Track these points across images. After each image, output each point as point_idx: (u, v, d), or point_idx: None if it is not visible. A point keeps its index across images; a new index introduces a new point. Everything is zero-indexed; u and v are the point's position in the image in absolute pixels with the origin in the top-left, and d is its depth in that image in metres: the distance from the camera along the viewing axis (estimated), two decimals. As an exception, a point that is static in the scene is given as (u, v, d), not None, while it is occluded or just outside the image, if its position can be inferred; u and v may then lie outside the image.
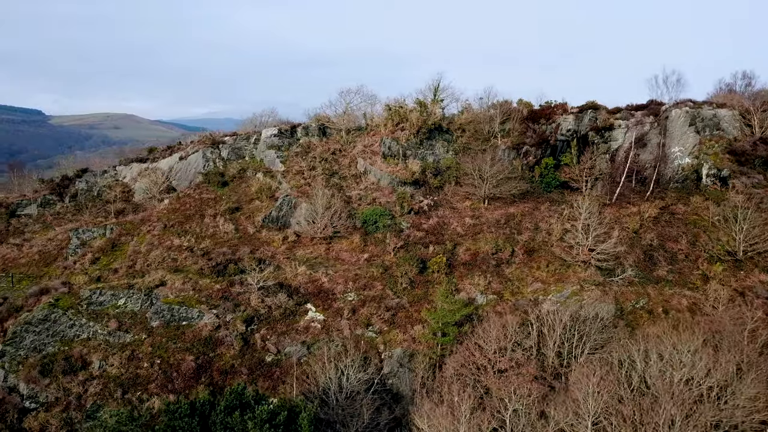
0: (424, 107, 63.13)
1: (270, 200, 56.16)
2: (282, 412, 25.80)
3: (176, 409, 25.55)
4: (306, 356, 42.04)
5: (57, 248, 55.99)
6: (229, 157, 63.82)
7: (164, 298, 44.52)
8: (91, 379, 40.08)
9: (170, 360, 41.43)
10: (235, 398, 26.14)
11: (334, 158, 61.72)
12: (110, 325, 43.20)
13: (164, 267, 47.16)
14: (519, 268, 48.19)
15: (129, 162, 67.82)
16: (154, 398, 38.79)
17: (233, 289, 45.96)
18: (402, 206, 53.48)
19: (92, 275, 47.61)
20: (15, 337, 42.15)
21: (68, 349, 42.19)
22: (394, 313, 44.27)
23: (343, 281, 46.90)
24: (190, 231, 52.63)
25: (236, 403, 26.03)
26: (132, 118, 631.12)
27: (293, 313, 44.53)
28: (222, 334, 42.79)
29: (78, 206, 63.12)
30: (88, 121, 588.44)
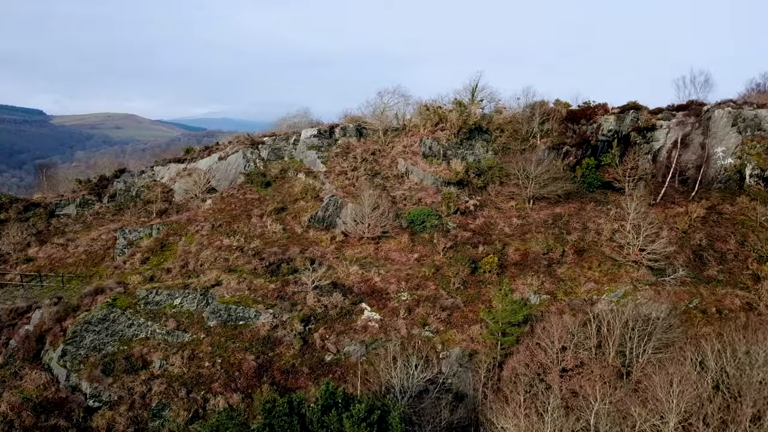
0: (463, 107, 63.25)
1: (315, 200, 56.30)
2: (375, 411, 25.89)
3: (272, 407, 25.63)
4: (365, 355, 42.20)
5: (103, 248, 56.27)
6: (268, 158, 64.01)
7: (220, 298, 44.68)
8: (153, 379, 40.24)
9: (230, 359, 41.61)
10: (329, 397, 26.24)
11: (374, 159, 61.86)
12: (168, 324, 43.41)
13: (218, 267, 47.28)
14: (570, 268, 48.25)
15: (166, 162, 68.05)
16: (218, 397, 38.97)
17: (287, 288, 46.10)
18: (448, 206, 53.58)
19: (145, 275, 47.73)
20: (75, 337, 42.35)
21: (127, 348, 42.41)
22: (449, 313, 44.36)
23: (396, 281, 47.00)
24: (239, 231, 52.79)
25: (331, 401, 26.13)
26: (133, 118, 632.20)
27: (349, 313, 44.65)
28: (280, 333, 42.94)
29: (119, 206, 63.38)
30: (89, 120, 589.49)
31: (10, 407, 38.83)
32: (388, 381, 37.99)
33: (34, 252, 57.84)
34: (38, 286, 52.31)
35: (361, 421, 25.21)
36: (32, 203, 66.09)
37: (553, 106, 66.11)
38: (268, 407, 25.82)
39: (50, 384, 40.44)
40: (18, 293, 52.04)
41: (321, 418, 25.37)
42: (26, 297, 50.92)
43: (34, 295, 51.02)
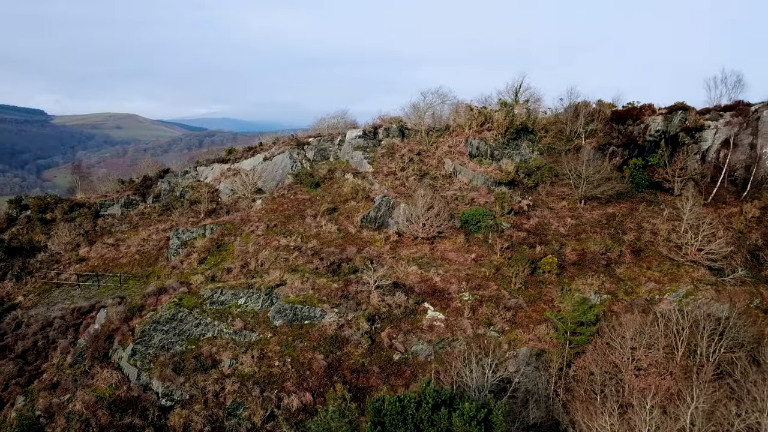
0: (508, 108, 63.37)
1: (366, 201, 56.48)
2: (482, 409, 26.05)
3: (381, 406, 25.80)
4: (432, 355, 42.35)
5: (155, 248, 56.55)
6: (314, 158, 64.22)
7: (285, 298, 44.85)
8: (224, 378, 40.43)
9: (300, 358, 41.75)
10: (437, 395, 26.41)
11: (420, 159, 62.02)
12: (236, 324, 43.60)
13: (279, 267, 47.48)
14: (629, 268, 48.32)
15: (210, 163, 68.29)
16: (292, 396, 39.12)
17: (350, 288, 46.25)
18: (502, 206, 53.70)
19: (206, 275, 47.95)
20: (144, 336, 42.56)
21: (195, 347, 42.60)
22: (513, 313, 44.48)
23: (456, 281, 47.14)
24: (294, 231, 52.98)
25: (439, 400, 26.30)
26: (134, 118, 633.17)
27: (413, 312, 44.81)
28: (347, 332, 43.08)
29: (166, 206, 63.61)
30: (91, 120, 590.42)
31: (85, 406, 39.08)
32: (462, 380, 38.12)
33: (85, 252, 58.18)
34: (95, 286, 52.62)
35: (471, 419, 25.35)
36: (77, 203, 66.44)
37: (595, 107, 66.19)
38: (377, 406, 25.98)
39: (122, 383, 40.63)
40: (75, 293, 52.39)
41: (431, 416, 25.52)
42: (84, 297, 51.26)
43: (92, 295, 51.36)
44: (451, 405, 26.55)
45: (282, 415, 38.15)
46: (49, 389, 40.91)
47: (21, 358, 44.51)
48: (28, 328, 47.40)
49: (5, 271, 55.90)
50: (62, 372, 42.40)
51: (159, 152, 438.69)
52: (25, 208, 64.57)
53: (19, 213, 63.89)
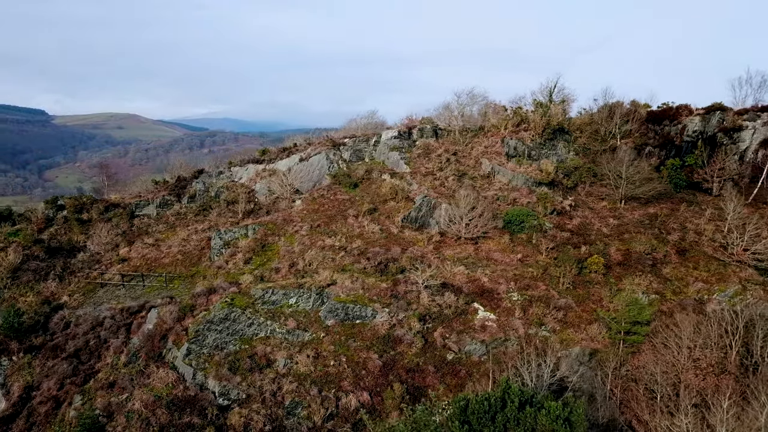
0: (545, 108, 63.50)
1: (406, 201, 56.64)
2: (566, 408, 26.18)
3: (466, 405, 25.95)
4: (485, 355, 42.48)
5: (196, 248, 56.76)
6: (350, 159, 64.40)
7: (336, 297, 45.01)
8: (280, 377, 40.62)
9: (354, 358, 41.91)
10: (521, 395, 26.54)
11: (457, 159, 62.15)
12: (288, 324, 43.79)
13: (328, 267, 47.63)
14: (676, 268, 48.41)
15: (244, 163, 68.50)
16: (350, 396, 39.28)
17: (398, 288, 46.43)
18: (545, 207, 53.83)
19: (255, 275, 48.13)
20: (198, 336, 42.77)
21: (249, 347, 42.82)
22: (564, 312, 44.59)
23: (505, 281, 47.27)
24: (337, 231, 53.13)
25: (524, 398, 26.44)
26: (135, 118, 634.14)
27: (464, 312, 44.95)
28: (400, 332, 43.23)
29: (203, 206, 63.83)
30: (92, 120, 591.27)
31: (144, 405, 39.28)
32: (521, 379, 38.23)
33: (125, 252, 58.42)
34: (139, 286, 52.83)
35: (558, 418, 25.50)
36: (112, 204, 66.72)
37: (628, 107, 66.29)
38: (462, 405, 26.12)
39: (178, 382, 40.81)
40: (120, 293, 52.60)
41: (517, 415, 25.66)
42: (131, 296, 51.48)
43: (138, 295, 51.57)
44: (531, 404, 26.66)
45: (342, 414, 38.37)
46: (106, 388, 41.11)
47: (74, 357, 44.69)
48: (77, 328, 47.60)
49: (47, 271, 56.14)
50: (117, 371, 42.62)
51: (161, 152, 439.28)
52: (61, 209, 64.85)
53: (55, 213, 64.14)
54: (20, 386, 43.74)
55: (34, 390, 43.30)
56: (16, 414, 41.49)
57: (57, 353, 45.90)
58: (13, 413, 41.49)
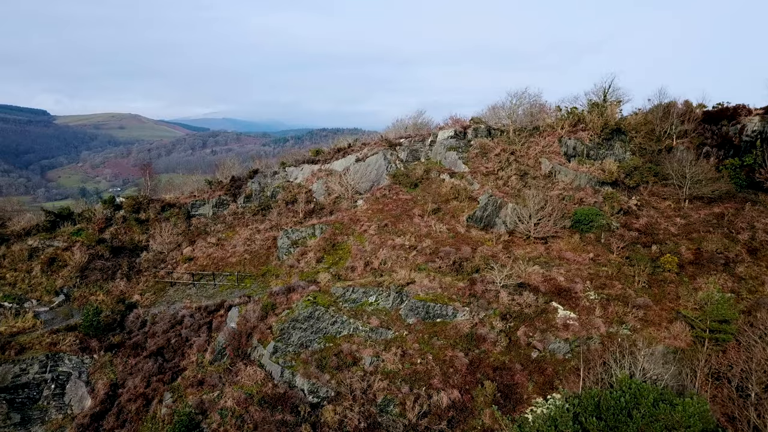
0: (601, 109, 63.74)
1: (469, 200, 56.91)
2: (700, 404, 26.44)
3: (598, 401, 26.23)
4: (570, 353, 42.72)
5: (262, 248, 57.18)
6: (407, 159, 64.71)
7: (416, 296, 45.29)
8: (368, 375, 40.92)
9: (440, 356, 42.19)
10: (654, 391, 26.81)
11: (515, 159, 62.42)
12: (371, 322, 44.11)
13: (403, 266, 47.95)
14: (749, 267, 48.53)
15: (299, 163, 68.89)
16: (441, 393, 39.56)
17: (476, 287, 46.68)
18: (612, 206, 54.08)
19: (331, 273, 48.46)
20: (283, 334, 43.16)
21: (333, 345, 43.18)
22: (644, 311, 44.81)
23: (581, 280, 47.48)
24: (405, 231, 53.45)
25: (657, 395, 26.70)
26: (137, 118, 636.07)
27: (544, 311, 45.18)
28: (482, 331, 43.50)
29: (262, 206, 64.23)
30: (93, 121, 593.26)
31: (236, 402, 39.72)
32: (613, 378, 38.44)
33: (188, 251, 58.87)
34: (210, 285, 53.26)
35: (693, 414, 25.76)
36: (167, 203, 67.22)
37: (681, 107, 66.44)
38: (595, 401, 26.38)
39: (266, 380, 41.21)
40: (190, 291, 53.06)
41: (652, 411, 25.91)
42: (203, 295, 51.92)
43: (210, 294, 52.01)
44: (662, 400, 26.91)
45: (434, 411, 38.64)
46: (195, 386, 41.54)
47: (157, 355, 45.16)
48: (155, 326, 48.07)
49: (114, 270, 56.69)
50: (204, 369, 43.04)
51: (163, 153, 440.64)
52: (118, 208, 65.40)
53: (113, 213, 64.64)
54: (105, 384, 44.23)
55: (120, 387, 43.79)
56: (104, 411, 41.96)
57: (138, 351, 46.38)
58: (101, 410, 41.95)
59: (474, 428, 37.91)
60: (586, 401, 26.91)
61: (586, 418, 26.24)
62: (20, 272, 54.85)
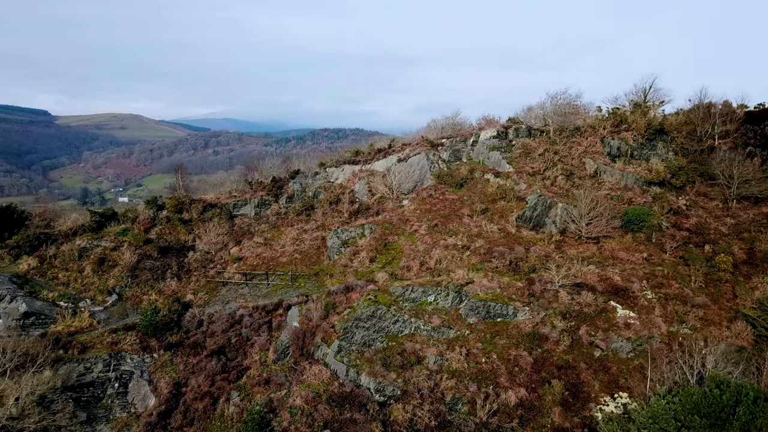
0: (643, 109, 63.96)
1: (517, 200, 57.16)
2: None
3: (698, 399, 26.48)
4: (632, 352, 42.92)
5: (312, 247, 57.51)
6: (449, 159, 65.00)
7: (475, 295, 45.55)
8: (433, 374, 41.18)
9: (504, 355, 42.43)
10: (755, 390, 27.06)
11: (559, 159, 62.63)
12: (433, 321, 44.39)
13: (462, 265, 48.21)
14: (804, 266, 48.78)
15: (340, 164, 69.20)
16: (509, 392, 39.80)
17: (534, 287, 46.93)
18: (661, 206, 54.30)
19: (387, 272, 48.75)
20: (346, 333, 43.48)
21: (396, 344, 43.46)
22: (704, 310, 45.00)
23: (637, 280, 47.69)
24: (456, 230, 53.72)
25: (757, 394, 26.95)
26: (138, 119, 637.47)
27: (604, 310, 45.41)
28: (544, 330, 43.74)
29: (306, 206, 64.51)
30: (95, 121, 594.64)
31: (305, 401, 40.08)
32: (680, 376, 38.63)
33: (236, 251, 59.22)
34: (263, 284, 53.59)
35: (793, 413, 25.96)
36: (209, 203, 67.60)
37: (721, 107, 66.58)
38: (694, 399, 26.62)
39: (332, 379, 41.53)
40: (243, 291, 53.41)
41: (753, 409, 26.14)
42: (256, 295, 52.25)
43: (264, 293, 52.35)
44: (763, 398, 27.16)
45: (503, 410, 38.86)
46: (262, 385, 41.88)
47: (219, 354, 45.42)
48: (213, 326, 48.37)
49: (163, 270, 57.08)
50: (268, 368, 43.36)
51: (165, 153, 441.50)
52: (160, 208, 65.78)
53: (156, 213, 65.03)
54: (168, 383, 44.56)
55: (182, 386, 44.09)
56: (170, 410, 42.26)
57: (198, 350, 46.69)
58: (167, 409, 42.25)
59: (544, 426, 38.12)
60: (685, 399, 27.14)
61: (686, 416, 26.48)
62: (72, 272, 55.26)
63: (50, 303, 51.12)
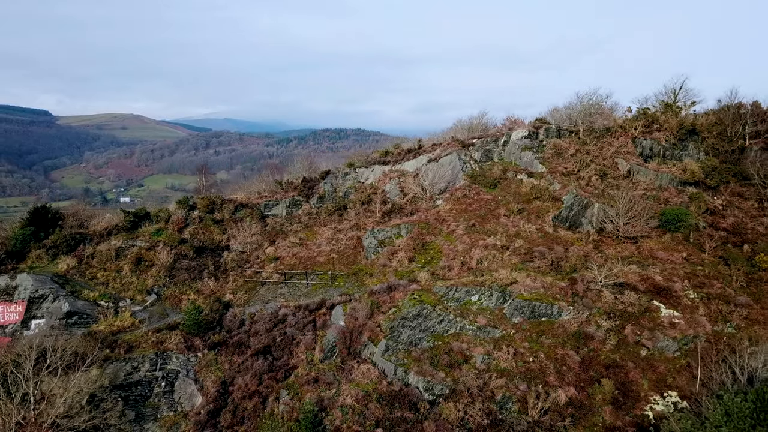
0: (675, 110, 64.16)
1: (552, 200, 57.34)
2: None
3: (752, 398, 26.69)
4: (678, 351, 43.10)
5: (348, 247, 57.72)
6: (480, 159, 65.21)
7: (519, 295, 45.77)
8: (481, 373, 41.39)
9: (550, 354, 42.63)
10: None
11: (591, 159, 62.82)
12: (479, 320, 44.61)
13: (505, 265, 48.43)
14: None
15: (370, 164, 69.44)
16: (559, 391, 39.98)
17: (576, 286, 47.14)
18: (698, 206, 54.50)
19: (428, 272, 48.96)
20: (393, 332, 43.73)
21: (442, 343, 43.69)
22: (747, 310, 45.17)
23: (679, 279, 47.90)
24: (493, 230, 53.94)
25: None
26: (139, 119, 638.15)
27: (647, 310, 45.59)
28: (589, 329, 43.95)
29: (338, 206, 64.74)
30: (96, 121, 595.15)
31: (355, 400, 40.35)
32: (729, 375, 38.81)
33: (272, 251, 59.47)
34: (302, 284, 53.81)
35: None
36: (240, 203, 67.85)
37: (751, 108, 66.71)
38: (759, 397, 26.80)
39: (380, 378, 41.78)
40: (282, 290, 53.67)
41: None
42: (296, 294, 52.49)
43: (304, 293, 52.58)
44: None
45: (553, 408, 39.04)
46: (311, 384, 42.11)
47: (264, 354, 45.64)
48: (255, 325, 48.62)
49: (200, 269, 57.37)
50: (315, 367, 43.61)
51: (167, 153, 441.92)
52: (192, 208, 66.00)
53: (188, 213, 65.28)
54: (214, 382, 44.80)
55: (229, 385, 44.30)
56: (219, 409, 42.49)
57: (242, 350, 46.93)
58: (216, 408, 42.48)
59: (595, 425, 38.30)
60: (757, 397, 27.31)
61: (759, 414, 26.66)
62: (110, 272, 55.56)
63: (91, 302, 51.44)
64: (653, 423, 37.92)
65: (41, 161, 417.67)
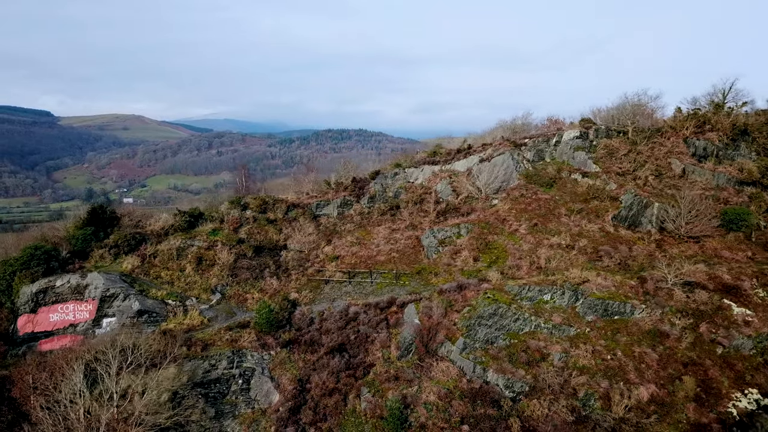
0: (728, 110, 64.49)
1: (610, 200, 57.71)
2: None
3: None
4: (753, 349, 43.42)
5: (407, 246, 58.20)
6: (532, 159, 65.62)
7: (592, 294, 46.16)
8: (560, 370, 41.78)
9: (627, 352, 43.01)
10: None
11: (644, 159, 63.14)
12: (553, 319, 45.01)
13: (571, 264, 48.84)
14: None
15: (419, 164, 69.93)
16: (640, 388, 40.37)
17: (646, 285, 47.50)
18: (759, 206, 54.85)
19: (497, 271, 49.38)
20: (469, 331, 44.17)
21: (518, 341, 44.11)
22: (820, 308, 45.47)
23: (747, 278, 48.21)
24: (557, 230, 54.33)
25: None
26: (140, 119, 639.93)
27: (719, 308, 45.92)
28: (664, 327, 44.31)
29: (390, 206, 65.24)
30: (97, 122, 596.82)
31: (438, 397, 40.81)
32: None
33: (329, 250, 59.99)
34: (366, 283, 54.30)
35: None
36: (291, 204, 68.46)
37: (800, 107, 66.96)
38: None
39: (460, 375, 42.24)
40: (347, 289, 54.18)
41: None
42: (361, 293, 53.01)
43: (369, 291, 53.10)
44: None
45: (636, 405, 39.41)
46: (391, 381, 42.60)
47: (339, 352, 46.12)
48: (324, 323, 49.13)
49: (261, 268, 57.96)
50: (393, 365, 44.09)
51: (169, 154, 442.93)
52: (244, 208, 66.62)
53: (240, 213, 65.88)
54: (290, 379, 45.32)
55: (306, 383, 44.81)
56: (298, 406, 42.97)
57: (314, 348, 47.43)
58: (295, 405, 42.96)
59: (680, 422, 38.66)
60: None
61: None
62: (173, 271, 56.17)
63: (159, 301, 52.04)
64: (737, 420, 38.31)
65: (44, 162, 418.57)
